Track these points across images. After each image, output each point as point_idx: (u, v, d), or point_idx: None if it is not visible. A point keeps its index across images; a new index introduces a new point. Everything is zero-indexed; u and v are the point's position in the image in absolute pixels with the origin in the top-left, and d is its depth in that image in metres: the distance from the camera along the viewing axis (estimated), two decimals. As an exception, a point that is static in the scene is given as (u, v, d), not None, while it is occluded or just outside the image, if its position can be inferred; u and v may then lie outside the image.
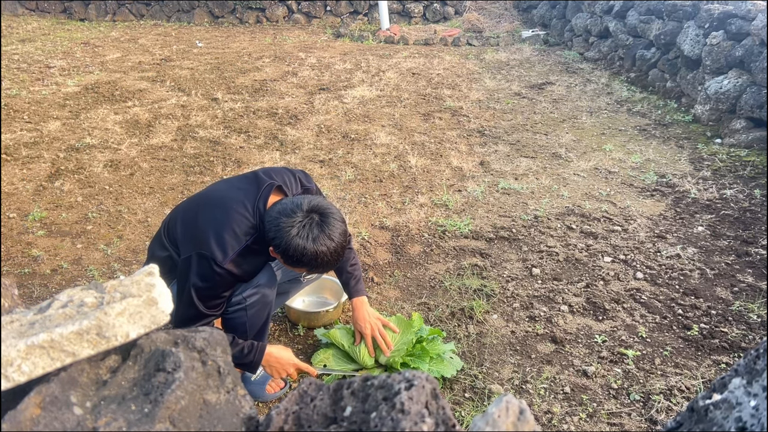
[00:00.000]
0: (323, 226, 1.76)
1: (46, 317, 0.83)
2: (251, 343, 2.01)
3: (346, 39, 8.83)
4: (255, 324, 2.05)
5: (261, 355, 2.02)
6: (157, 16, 10.52)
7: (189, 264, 1.84)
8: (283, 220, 1.75)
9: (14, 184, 3.97)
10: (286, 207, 1.78)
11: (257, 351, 2.01)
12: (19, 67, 7.00)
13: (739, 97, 4.53)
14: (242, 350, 1.97)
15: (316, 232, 1.74)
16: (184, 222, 1.94)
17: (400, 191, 3.89)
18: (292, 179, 2.05)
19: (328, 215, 1.79)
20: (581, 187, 3.91)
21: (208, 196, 2.00)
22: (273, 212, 1.80)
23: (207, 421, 0.77)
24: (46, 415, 0.72)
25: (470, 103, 5.72)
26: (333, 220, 1.79)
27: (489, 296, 2.79)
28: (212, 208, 1.91)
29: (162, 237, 2.04)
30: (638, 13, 6.35)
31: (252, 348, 2.00)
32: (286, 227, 1.74)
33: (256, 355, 2.00)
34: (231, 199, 1.90)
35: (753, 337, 2.47)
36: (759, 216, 3.42)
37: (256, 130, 4.99)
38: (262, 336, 2.12)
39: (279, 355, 2.08)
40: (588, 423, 2.07)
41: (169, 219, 2.06)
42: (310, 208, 1.77)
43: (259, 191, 1.90)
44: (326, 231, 1.76)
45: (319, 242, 1.75)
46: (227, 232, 1.83)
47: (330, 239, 1.76)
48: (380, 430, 0.66)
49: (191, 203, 2.04)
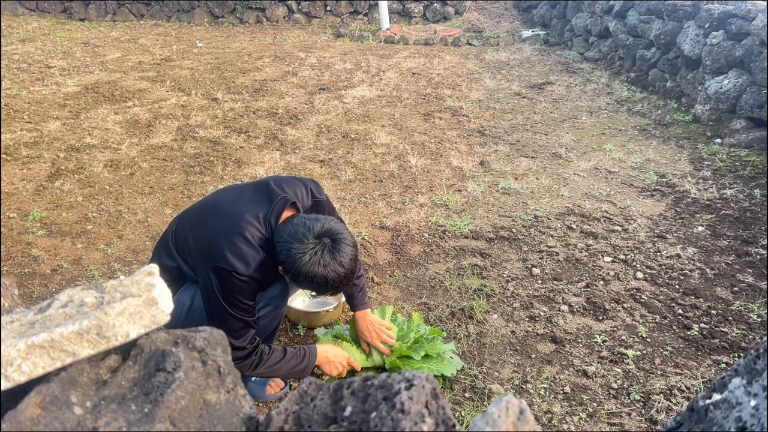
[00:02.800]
0: (334, 252, 1.75)
1: (46, 317, 0.83)
2: (302, 349, 2.05)
3: (346, 39, 8.83)
4: (264, 332, 2.06)
5: (315, 356, 2.07)
6: (157, 16, 10.52)
7: (210, 280, 1.81)
8: (295, 246, 1.74)
9: (14, 184, 3.97)
10: (297, 230, 1.76)
11: (310, 354, 2.06)
12: (19, 67, 7.00)
13: (739, 97, 4.53)
14: (298, 359, 2.01)
15: (327, 258, 1.74)
16: (196, 237, 1.91)
17: (400, 191, 3.89)
18: (303, 191, 2.01)
19: (340, 241, 1.78)
20: (581, 187, 3.91)
21: (218, 206, 1.96)
22: (284, 234, 1.78)
23: (207, 421, 0.77)
24: (46, 415, 0.72)
25: (470, 103, 5.72)
26: (344, 245, 1.78)
27: (489, 296, 2.79)
28: (221, 219, 1.88)
29: (170, 245, 2.00)
30: (638, 13, 6.35)
31: (305, 353, 2.04)
32: (297, 254, 1.73)
33: (311, 358, 2.05)
34: (240, 210, 1.87)
35: (753, 337, 2.47)
36: (759, 216, 3.42)
37: (256, 130, 4.99)
38: (270, 340, 2.14)
39: (334, 352, 2.15)
40: (588, 423, 2.08)
41: (177, 226, 2.02)
42: (322, 233, 1.76)
43: (272, 205, 1.87)
44: (337, 258, 1.75)
45: (330, 269, 1.74)
46: (243, 242, 1.80)
47: (341, 266, 1.76)
48: (380, 430, 0.66)
49: (200, 213, 2.00)
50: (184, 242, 1.95)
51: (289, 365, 1.98)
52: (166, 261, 1.99)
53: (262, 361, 1.91)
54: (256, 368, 1.90)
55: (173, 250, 1.99)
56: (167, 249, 2.01)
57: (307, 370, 2.05)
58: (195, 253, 1.90)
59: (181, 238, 1.97)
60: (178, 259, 1.97)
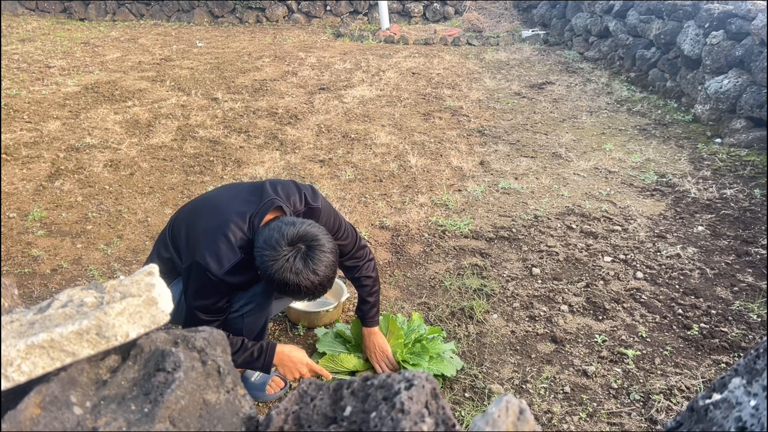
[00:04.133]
0: (307, 260, 1.71)
1: (46, 317, 0.83)
2: (261, 345, 2.00)
3: (346, 39, 8.83)
4: (252, 330, 2.05)
5: (272, 355, 2.01)
6: (157, 15, 10.52)
7: (189, 272, 1.86)
8: (267, 252, 1.71)
9: (14, 184, 3.97)
10: (271, 236, 1.72)
11: (268, 352, 2.00)
12: (19, 67, 7.00)
13: (739, 97, 4.53)
14: (252, 353, 1.97)
15: (299, 266, 1.70)
16: (188, 231, 1.93)
17: (400, 191, 3.89)
18: (297, 197, 1.99)
19: (315, 248, 1.72)
20: (581, 187, 3.91)
21: (212, 203, 1.98)
22: (260, 239, 1.76)
23: (207, 421, 0.77)
24: (46, 415, 0.72)
25: (470, 102, 5.72)
26: (319, 252, 1.72)
27: (489, 296, 2.79)
28: (212, 216, 1.90)
29: (167, 238, 2.04)
30: (638, 13, 6.35)
31: (262, 350, 1.99)
32: (269, 261, 1.70)
33: (267, 356, 2.00)
34: (231, 209, 1.88)
35: (753, 337, 2.47)
36: (759, 216, 3.42)
37: (256, 129, 4.99)
38: (260, 338, 2.12)
39: (292, 355, 2.08)
40: (588, 423, 2.08)
41: (175, 220, 2.06)
42: (296, 238, 1.72)
43: (258, 206, 1.87)
44: (310, 266, 1.71)
45: (303, 276, 1.70)
46: (223, 242, 1.81)
47: (314, 273, 1.71)
48: (380, 430, 0.66)
49: (196, 207, 2.03)
50: (178, 235, 1.98)
51: (242, 358, 1.94)
52: (163, 252, 2.03)
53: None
54: None
55: (169, 243, 2.02)
56: (164, 241, 2.05)
57: (264, 367, 2.01)
58: (184, 246, 1.93)
59: (177, 231, 2.00)
60: (172, 251, 2.00)
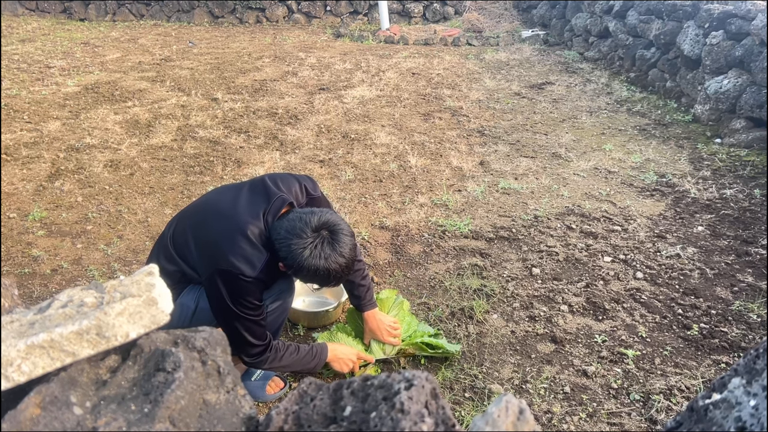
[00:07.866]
0: (334, 244, 1.77)
1: (46, 317, 0.83)
2: (312, 347, 2.11)
3: (346, 39, 8.83)
4: (273, 326, 2.07)
5: (326, 354, 2.14)
6: (157, 16, 10.52)
7: (214, 283, 1.81)
8: (294, 241, 1.74)
9: (14, 184, 3.97)
10: (294, 225, 1.76)
11: (321, 352, 2.12)
12: (19, 67, 7.00)
13: (739, 97, 4.53)
14: (310, 354, 2.08)
15: (327, 251, 1.76)
16: (197, 239, 1.90)
17: (400, 191, 3.90)
18: (298, 189, 2.02)
19: (338, 232, 1.79)
20: (581, 187, 3.91)
21: (217, 206, 1.95)
22: (281, 231, 1.78)
23: (207, 421, 0.77)
24: (46, 415, 0.72)
25: (470, 103, 5.72)
26: (342, 236, 1.80)
27: (489, 296, 2.79)
28: (221, 220, 1.87)
29: (169, 248, 1.98)
30: (638, 13, 6.35)
31: (314, 351, 2.10)
32: (297, 249, 1.74)
33: (322, 355, 2.12)
34: (242, 209, 1.87)
35: (753, 337, 2.47)
36: (759, 216, 3.42)
37: (256, 130, 4.99)
38: (278, 334, 2.16)
39: (344, 350, 2.21)
40: (588, 423, 2.08)
41: (175, 228, 2.01)
42: (319, 225, 1.77)
43: (269, 204, 1.88)
44: (337, 249, 1.77)
45: (332, 260, 1.76)
46: (246, 243, 1.80)
47: (342, 256, 1.78)
48: (380, 429, 0.66)
49: (199, 214, 1.99)
50: (184, 244, 1.93)
51: (302, 362, 2.06)
52: (166, 265, 1.95)
53: (277, 357, 1.97)
54: (271, 363, 1.98)
55: (173, 253, 1.97)
56: (166, 252, 1.99)
57: (317, 368, 2.12)
58: (197, 255, 1.89)
59: (181, 240, 1.95)
60: (179, 262, 1.95)
